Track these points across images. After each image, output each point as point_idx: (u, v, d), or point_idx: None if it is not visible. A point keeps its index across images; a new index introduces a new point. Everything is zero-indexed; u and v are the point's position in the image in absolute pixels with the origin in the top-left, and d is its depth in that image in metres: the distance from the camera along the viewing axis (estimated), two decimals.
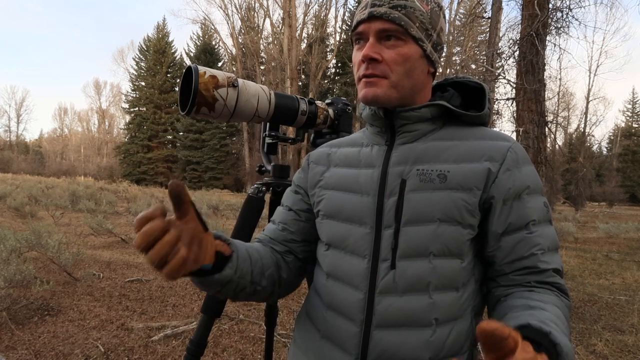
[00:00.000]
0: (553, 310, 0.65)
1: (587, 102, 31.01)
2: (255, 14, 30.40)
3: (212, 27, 33.73)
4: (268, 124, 1.16)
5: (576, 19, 5.36)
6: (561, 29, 5.41)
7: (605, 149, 44.02)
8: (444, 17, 0.82)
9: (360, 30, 0.77)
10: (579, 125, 34.60)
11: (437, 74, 0.85)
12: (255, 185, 1.20)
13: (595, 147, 41.49)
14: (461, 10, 28.94)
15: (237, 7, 30.76)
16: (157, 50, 40.50)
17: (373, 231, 0.77)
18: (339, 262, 0.80)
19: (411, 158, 0.78)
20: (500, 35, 7.05)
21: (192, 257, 0.59)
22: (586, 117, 31.44)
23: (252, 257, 0.79)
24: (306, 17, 28.45)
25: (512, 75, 5.83)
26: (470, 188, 0.73)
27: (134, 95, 41.97)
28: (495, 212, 0.74)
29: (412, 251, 0.73)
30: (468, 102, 0.85)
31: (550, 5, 4.93)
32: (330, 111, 1.21)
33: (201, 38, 38.21)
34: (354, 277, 0.77)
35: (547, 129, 5.05)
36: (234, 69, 30.84)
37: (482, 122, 0.82)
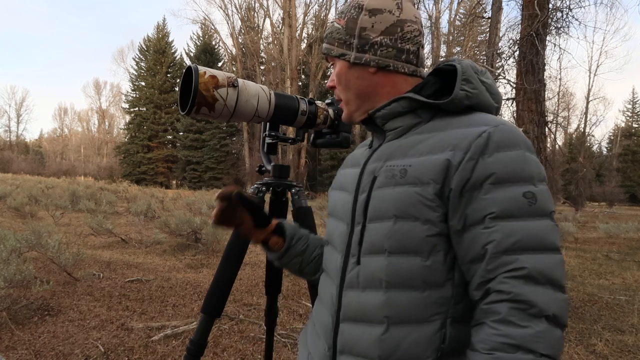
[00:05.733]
0: None
1: (587, 102, 31.00)
2: (255, 14, 30.43)
3: (212, 27, 33.79)
4: (268, 124, 1.16)
5: (576, 19, 5.36)
6: (561, 29, 5.42)
7: (605, 149, 44.03)
8: (370, 12, 0.79)
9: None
10: (579, 125, 34.62)
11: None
12: (255, 185, 1.20)
13: (595, 147, 41.54)
14: (461, 10, 28.95)
15: (237, 7, 30.82)
16: (157, 50, 40.48)
17: (348, 227, 0.80)
18: (327, 257, 0.87)
19: (385, 155, 0.79)
20: (500, 35, 7.05)
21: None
22: (586, 117, 31.44)
23: (308, 248, 0.95)
24: (306, 17, 28.48)
25: (512, 75, 5.84)
26: (427, 182, 0.69)
27: (134, 95, 41.96)
28: (452, 206, 0.68)
29: (372, 247, 0.74)
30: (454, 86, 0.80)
31: (550, 5, 4.94)
32: (330, 111, 1.21)
33: (201, 38, 38.19)
34: (333, 270, 0.82)
35: (547, 129, 5.05)
36: (234, 69, 30.84)
37: (464, 105, 0.75)
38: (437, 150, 0.71)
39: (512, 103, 5.11)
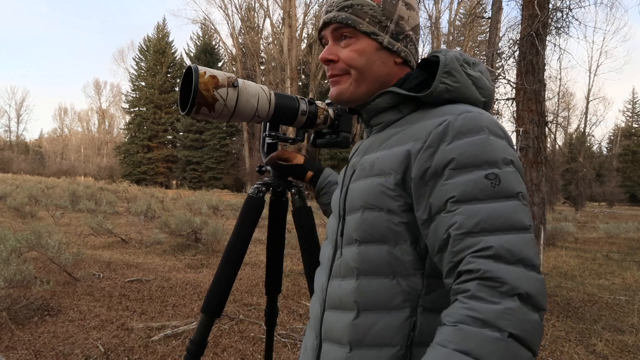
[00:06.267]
0: None
1: (587, 102, 31.01)
2: (255, 14, 30.42)
3: (212, 27, 33.75)
4: (268, 124, 1.16)
5: (576, 19, 5.35)
6: (561, 29, 5.41)
7: (605, 149, 44.02)
8: (406, 5, 0.80)
9: (322, 35, 0.84)
10: (579, 125, 34.61)
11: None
12: (255, 185, 1.20)
13: (595, 147, 41.51)
14: (461, 10, 28.94)
15: (237, 7, 30.82)
16: (157, 50, 40.49)
17: (337, 220, 0.83)
18: (322, 249, 0.90)
19: (364, 149, 0.83)
20: (500, 35, 7.05)
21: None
22: (586, 117, 31.46)
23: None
24: (306, 17, 28.46)
25: (512, 75, 5.84)
26: (388, 172, 0.71)
27: (134, 95, 41.98)
28: (416, 196, 0.67)
29: (348, 238, 0.77)
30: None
31: (550, 5, 4.93)
32: (330, 111, 1.20)
33: (201, 38, 38.21)
34: (324, 261, 0.85)
35: (547, 129, 5.04)
36: (234, 69, 30.83)
37: (444, 99, 0.73)
38: (402, 142, 0.72)
39: (512, 103, 5.10)
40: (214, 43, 37.87)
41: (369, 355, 0.70)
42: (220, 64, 37.05)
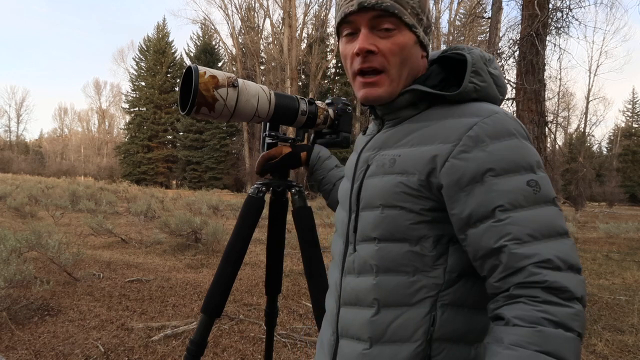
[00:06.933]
0: None
1: (587, 102, 31.03)
2: (255, 14, 30.42)
3: (212, 27, 33.74)
4: (268, 124, 1.16)
5: (576, 19, 5.36)
6: (561, 29, 5.41)
7: (605, 149, 44.03)
8: None
9: (351, 20, 0.74)
10: (579, 125, 34.62)
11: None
12: (255, 186, 1.20)
13: (595, 147, 41.54)
14: (461, 10, 28.95)
15: (237, 7, 30.80)
16: (157, 50, 40.47)
17: (347, 215, 0.81)
18: (333, 243, 0.88)
19: (379, 143, 0.79)
20: (500, 35, 7.04)
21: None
22: (586, 117, 31.47)
23: (324, 180, 1.16)
24: (306, 17, 28.46)
25: (512, 75, 5.83)
26: (412, 172, 0.70)
27: (134, 95, 41.96)
28: (452, 201, 0.66)
29: (364, 235, 0.75)
30: (460, 75, 0.77)
31: (550, 5, 4.93)
32: (330, 111, 1.20)
33: (201, 38, 38.20)
34: (336, 256, 0.84)
35: (547, 129, 5.04)
36: (234, 69, 30.83)
37: (470, 98, 0.73)
38: (426, 142, 0.71)
39: (512, 103, 5.11)
40: (214, 43, 37.86)
41: (389, 351, 0.70)
42: (220, 64, 37.05)
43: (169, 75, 40.86)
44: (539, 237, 0.60)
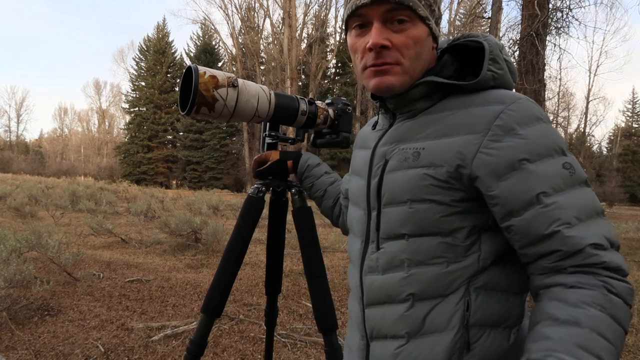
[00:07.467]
0: (589, 323, 0.54)
1: (587, 102, 31.07)
2: (255, 14, 30.41)
3: (212, 27, 33.72)
4: (268, 124, 1.16)
5: (576, 19, 5.36)
6: (561, 29, 5.41)
7: (605, 149, 44.04)
8: None
9: (362, 13, 0.71)
10: (579, 125, 34.68)
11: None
12: (255, 186, 1.20)
13: (595, 147, 41.57)
14: (461, 10, 28.93)
15: (237, 7, 30.85)
16: (157, 50, 40.48)
17: (365, 213, 0.79)
18: (350, 244, 0.85)
19: (396, 137, 0.77)
20: (500, 35, 7.04)
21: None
22: (586, 117, 31.52)
23: (314, 187, 1.16)
24: (306, 17, 28.45)
25: None
26: (440, 164, 0.68)
27: (134, 95, 41.96)
28: (490, 192, 0.65)
29: (390, 232, 0.73)
30: (475, 63, 0.75)
31: (550, 5, 4.93)
32: (330, 111, 1.20)
33: (201, 38, 38.20)
34: (355, 257, 0.81)
35: None
36: (234, 69, 30.83)
37: (488, 86, 0.71)
38: (452, 133, 0.69)
39: None
40: (214, 43, 37.86)
41: (427, 344, 0.69)
42: (220, 64, 37.05)
43: (169, 75, 40.86)
44: (584, 218, 0.61)
